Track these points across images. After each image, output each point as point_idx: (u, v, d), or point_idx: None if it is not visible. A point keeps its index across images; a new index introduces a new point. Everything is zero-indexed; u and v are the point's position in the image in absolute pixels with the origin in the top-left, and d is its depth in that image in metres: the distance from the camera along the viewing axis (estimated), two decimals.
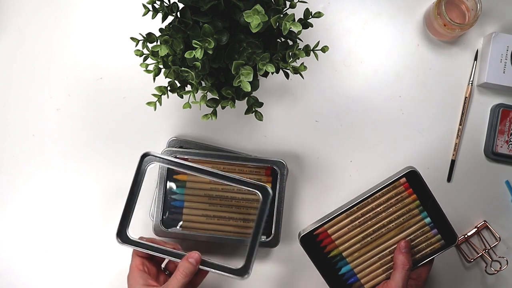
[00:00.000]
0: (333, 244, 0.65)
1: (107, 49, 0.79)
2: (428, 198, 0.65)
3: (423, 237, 0.65)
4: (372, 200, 0.64)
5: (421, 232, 0.65)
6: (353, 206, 0.64)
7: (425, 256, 0.66)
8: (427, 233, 0.65)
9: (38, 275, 0.76)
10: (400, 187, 0.64)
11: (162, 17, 0.60)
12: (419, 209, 0.65)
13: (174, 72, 0.58)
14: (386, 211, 0.64)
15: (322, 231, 0.64)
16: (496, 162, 0.78)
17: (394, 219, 0.64)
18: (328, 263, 0.65)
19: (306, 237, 0.65)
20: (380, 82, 0.79)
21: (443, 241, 0.65)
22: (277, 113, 0.78)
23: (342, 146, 0.78)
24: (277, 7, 0.57)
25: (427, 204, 0.65)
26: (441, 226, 0.65)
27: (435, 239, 0.65)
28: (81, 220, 0.77)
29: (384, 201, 0.64)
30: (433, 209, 0.65)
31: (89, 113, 0.78)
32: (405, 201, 0.64)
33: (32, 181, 0.77)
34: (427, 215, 0.65)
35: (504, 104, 0.78)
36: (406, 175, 0.64)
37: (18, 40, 0.79)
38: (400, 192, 0.64)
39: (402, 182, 0.64)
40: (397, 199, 0.64)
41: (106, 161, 0.77)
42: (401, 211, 0.64)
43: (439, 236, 0.65)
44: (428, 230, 0.65)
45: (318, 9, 0.77)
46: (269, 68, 0.55)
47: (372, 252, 0.65)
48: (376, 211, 0.64)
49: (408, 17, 0.80)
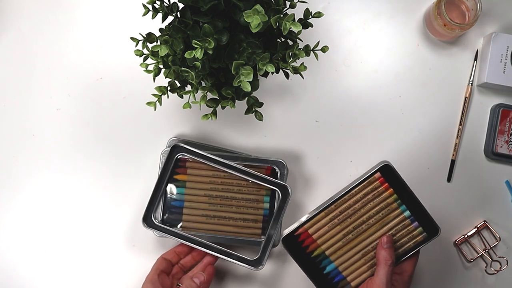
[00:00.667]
0: (315, 244, 0.64)
1: (107, 49, 0.79)
2: (405, 192, 0.64)
3: (405, 230, 0.64)
4: (349, 197, 0.64)
5: (402, 226, 0.64)
6: (331, 204, 0.64)
7: (408, 250, 0.65)
8: (408, 227, 0.64)
9: (38, 275, 0.76)
10: (376, 182, 0.64)
11: (162, 17, 0.60)
12: (397, 202, 0.64)
13: (174, 72, 0.58)
14: (364, 207, 0.64)
15: (303, 231, 0.64)
16: (496, 162, 0.78)
17: (373, 214, 0.64)
18: (312, 263, 0.65)
19: (288, 238, 0.64)
20: (380, 82, 0.79)
21: (425, 233, 0.65)
22: (277, 113, 0.78)
23: (342, 146, 0.78)
24: (277, 7, 0.57)
25: (405, 198, 0.64)
26: (422, 218, 0.65)
27: (417, 232, 0.65)
28: (81, 220, 0.77)
29: (361, 197, 0.64)
30: (411, 202, 0.64)
31: (89, 113, 0.78)
32: (382, 196, 0.64)
33: (32, 181, 0.77)
34: (406, 208, 0.64)
35: (504, 104, 0.78)
36: (380, 170, 0.64)
37: (19, 40, 0.79)
38: (376, 187, 0.64)
39: (377, 177, 0.64)
40: (374, 194, 0.64)
41: (106, 161, 0.77)
42: (379, 206, 0.64)
43: (421, 228, 0.64)
44: (409, 223, 0.64)
45: (318, 9, 0.77)
46: (269, 68, 0.55)
47: (355, 249, 0.64)
48: (354, 208, 0.64)
49: (408, 17, 0.80)
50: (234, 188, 0.74)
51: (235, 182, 0.74)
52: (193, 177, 0.74)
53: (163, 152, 0.74)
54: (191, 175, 0.74)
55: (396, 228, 0.64)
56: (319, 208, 0.64)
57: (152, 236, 0.75)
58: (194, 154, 0.73)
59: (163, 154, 0.74)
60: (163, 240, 0.76)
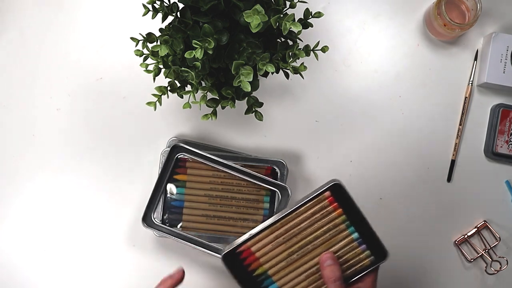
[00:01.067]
0: (257, 262, 0.59)
1: (107, 49, 0.79)
2: (355, 213, 0.59)
3: (352, 253, 0.59)
4: (296, 215, 0.59)
5: (349, 248, 0.59)
6: (277, 221, 0.59)
7: (357, 272, 0.60)
8: (355, 249, 0.59)
9: (38, 275, 0.76)
10: (325, 202, 0.59)
11: (162, 17, 0.60)
12: (346, 224, 0.59)
13: (174, 72, 0.58)
14: (311, 227, 0.59)
15: (246, 248, 0.58)
16: (496, 162, 0.78)
17: (320, 234, 0.59)
18: (254, 282, 0.59)
19: (229, 255, 0.58)
20: (380, 82, 0.79)
21: (372, 257, 0.59)
22: (277, 113, 0.78)
23: (342, 146, 0.78)
24: (277, 7, 0.57)
25: (354, 219, 0.59)
26: (370, 241, 0.59)
27: (364, 255, 0.60)
28: (81, 219, 0.77)
29: (308, 216, 0.59)
30: (361, 224, 0.59)
31: (89, 113, 0.78)
32: (331, 216, 0.59)
33: (32, 181, 0.77)
34: (355, 230, 0.59)
35: (504, 104, 0.78)
36: (330, 189, 0.59)
37: (19, 40, 0.79)
38: (324, 206, 0.59)
39: (327, 196, 0.59)
40: (322, 213, 0.59)
41: (106, 161, 0.77)
42: (327, 226, 0.59)
43: (368, 252, 0.59)
44: (356, 246, 0.59)
45: (318, 9, 0.77)
46: (269, 68, 0.55)
47: (299, 270, 0.60)
48: (301, 227, 0.59)
49: (408, 17, 0.80)
50: (234, 188, 0.74)
51: (235, 182, 0.74)
52: (193, 177, 0.74)
53: (163, 152, 0.74)
54: (191, 175, 0.74)
55: (343, 250, 0.59)
56: (264, 225, 0.59)
57: (152, 236, 0.75)
58: (194, 154, 0.73)
59: (163, 154, 0.74)
60: (163, 240, 0.76)
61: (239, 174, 0.72)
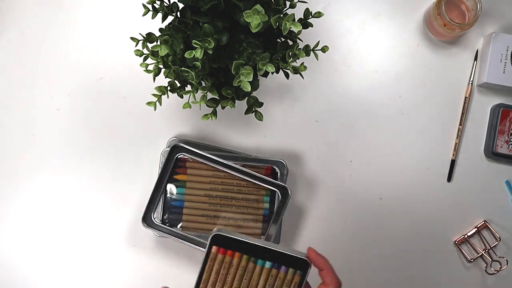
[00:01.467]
0: None
1: (107, 49, 0.79)
2: (251, 247, 0.56)
3: (278, 281, 0.56)
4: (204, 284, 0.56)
5: (272, 279, 0.56)
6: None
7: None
8: (278, 276, 0.56)
9: (38, 275, 0.76)
10: (218, 256, 0.56)
11: (162, 17, 0.60)
12: (252, 260, 0.56)
13: (174, 72, 0.58)
14: (225, 285, 0.57)
15: None
16: (496, 162, 0.78)
17: (238, 285, 0.57)
18: None
19: None
20: (380, 82, 0.79)
21: (299, 271, 0.56)
22: (277, 113, 0.78)
23: (342, 146, 0.78)
24: (277, 7, 0.57)
25: (255, 252, 0.56)
26: (285, 259, 0.56)
27: (290, 275, 0.56)
28: (81, 219, 0.77)
29: (214, 278, 0.56)
30: (264, 252, 0.56)
31: (89, 113, 0.78)
32: (233, 263, 0.56)
33: (32, 181, 0.77)
34: (263, 260, 0.56)
35: (504, 104, 0.78)
36: (214, 242, 0.56)
37: (19, 40, 0.79)
38: (221, 260, 0.56)
39: (215, 251, 0.56)
40: (224, 267, 0.56)
41: (105, 161, 0.77)
42: (237, 275, 0.56)
43: (291, 269, 0.56)
44: (276, 272, 0.56)
45: (318, 9, 0.77)
46: (269, 68, 0.55)
47: None
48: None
49: (408, 17, 0.80)
50: (234, 188, 0.74)
51: (235, 182, 0.74)
52: (193, 177, 0.74)
53: (163, 152, 0.74)
54: (191, 175, 0.74)
55: (269, 284, 0.56)
56: None
57: (152, 236, 0.75)
58: (194, 154, 0.73)
59: (163, 154, 0.74)
60: (163, 240, 0.76)
61: (239, 174, 0.72)
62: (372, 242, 0.77)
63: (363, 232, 0.78)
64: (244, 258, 0.56)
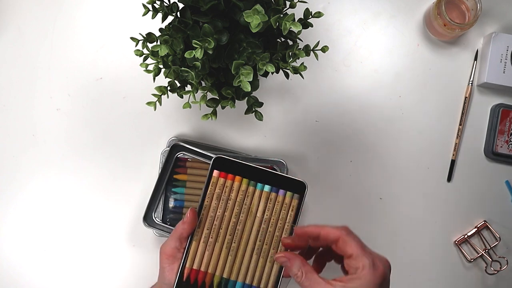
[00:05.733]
0: (208, 275, 0.57)
1: (107, 49, 0.79)
2: (251, 171, 0.58)
3: (278, 205, 0.58)
4: (205, 211, 0.58)
5: (271, 203, 0.58)
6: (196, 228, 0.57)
7: (295, 217, 0.59)
8: (277, 199, 0.58)
9: (38, 275, 0.76)
10: (220, 180, 0.58)
11: (162, 17, 0.60)
12: (251, 184, 0.58)
13: (174, 72, 0.58)
14: (226, 210, 0.58)
15: (189, 271, 0.57)
16: (496, 162, 0.78)
17: (238, 210, 0.58)
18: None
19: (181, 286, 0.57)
20: (380, 82, 0.79)
21: (296, 194, 0.58)
22: (277, 113, 0.78)
23: (342, 145, 0.78)
24: (277, 7, 0.57)
25: (254, 176, 0.58)
26: (284, 183, 0.58)
27: (288, 198, 0.58)
28: (81, 219, 0.77)
29: (216, 203, 0.58)
30: (263, 175, 0.58)
31: (89, 113, 0.78)
32: (234, 187, 0.58)
33: (32, 181, 0.77)
34: (262, 184, 0.58)
35: (504, 104, 0.78)
36: (215, 166, 0.58)
37: (18, 40, 0.79)
38: (222, 184, 0.58)
39: (217, 175, 0.58)
40: (225, 191, 0.58)
41: (106, 161, 0.77)
42: (238, 198, 0.58)
43: (289, 192, 0.58)
44: (275, 195, 0.58)
45: (318, 9, 0.77)
46: (269, 68, 0.55)
47: (247, 253, 0.58)
48: (217, 216, 0.58)
49: (408, 17, 0.80)
50: None
51: None
52: (193, 177, 0.74)
53: (163, 152, 0.74)
54: (191, 174, 0.74)
55: (268, 208, 0.58)
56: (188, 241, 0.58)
57: (152, 235, 0.75)
58: (194, 153, 0.73)
59: (163, 154, 0.74)
60: (163, 239, 0.76)
61: None
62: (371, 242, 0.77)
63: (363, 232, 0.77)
64: (244, 181, 0.58)
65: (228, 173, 0.58)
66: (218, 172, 0.58)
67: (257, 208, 0.58)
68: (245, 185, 0.58)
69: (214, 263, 0.57)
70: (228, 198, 0.58)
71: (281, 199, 0.58)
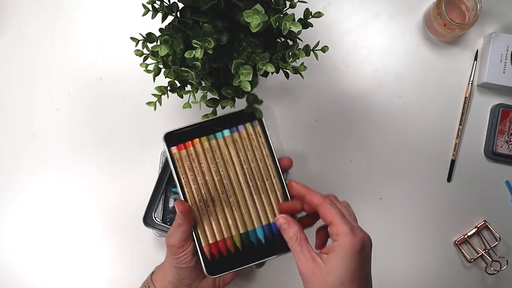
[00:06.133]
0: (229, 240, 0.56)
1: (107, 49, 0.79)
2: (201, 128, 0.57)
3: (245, 142, 0.58)
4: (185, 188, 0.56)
5: (240, 144, 0.57)
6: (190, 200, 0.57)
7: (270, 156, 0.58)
8: (241, 137, 0.58)
9: (38, 275, 0.76)
10: (182, 152, 0.57)
11: (162, 17, 0.60)
12: (210, 137, 0.58)
13: (174, 72, 0.58)
14: (205, 174, 0.56)
15: (208, 248, 0.56)
16: (496, 162, 0.78)
17: (216, 168, 0.57)
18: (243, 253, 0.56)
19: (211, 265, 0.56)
20: (380, 82, 0.79)
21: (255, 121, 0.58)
22: (277, 113, 0.78)
23: (342, 146, 0.78)
24: (277, 7, 0.57)
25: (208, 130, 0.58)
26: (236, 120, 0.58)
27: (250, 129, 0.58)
28: (81, 219, 0.77)
29: (190, 172, 0.57)
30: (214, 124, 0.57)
31: (89, 113, 0.78)
32: (197, 149, 0.57)
33: (32, 181, 0.77)
34: (220, 131, 0.58)
35: (504, 104, 0.78)
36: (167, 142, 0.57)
37: (18, 40, 0.79)
38: (186, 154, 0.57)
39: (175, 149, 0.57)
40: (193, 159, 0.57)
41: (106, 161, 0.77)
42: (208, 158, 0.57)
43: (248, 123, 0.58)
44: (237, 135, 0.57)
45: (318, 9, 0.77)
46: (268, 68, 0.55)
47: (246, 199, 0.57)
48: (201, 184, 0.57)
49: (408, 17, 0.80)
50: None
51: None
52: None
53: (163, 152, 0.74)
54: None
55: (239, 149, 0.57)
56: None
57: (152, 236, 0.75)
58: None
59: (163, 154, 0.73)
60: (163, 240, 0.76)
61: None
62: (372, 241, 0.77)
63: None
64: (203, 139, 0.58)
65: (185, 143, 0.57)
66: (175, 147, 0.57)
67: (230, 155, 0.58)
68: (206, 142, 0.58)
69: (225, 226, 0.57)
70: (200, 163, 0.57)
71: (245, 133, 0.58)
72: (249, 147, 0.58)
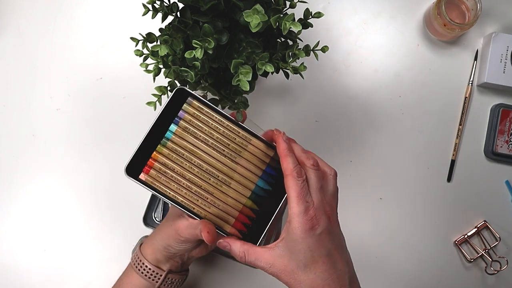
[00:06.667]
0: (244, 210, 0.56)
1: (107, 49, 0.79)
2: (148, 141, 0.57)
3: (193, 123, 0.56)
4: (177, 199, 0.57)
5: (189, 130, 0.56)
6: None
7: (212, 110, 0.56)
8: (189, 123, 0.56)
9: (38, 275, 0.76)
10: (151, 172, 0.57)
11: (162, 17, 0.60)
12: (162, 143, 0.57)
13: (174, 72, 0.58)
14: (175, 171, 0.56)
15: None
16: (496, 162, 0.78)
17: (188, 164, 0.56)
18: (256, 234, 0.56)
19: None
20: (380, 82, 0.79)
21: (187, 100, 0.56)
22: (277, 113, 0.78)
23: (342, 146, 0.78)
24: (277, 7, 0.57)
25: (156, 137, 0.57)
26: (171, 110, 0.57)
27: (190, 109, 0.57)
28: (81, 219, 0.77)
29: (173, 183, 0.56)
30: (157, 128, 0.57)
31: (89, 113, 0.78)
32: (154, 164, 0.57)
33: (32, 181, 0.77)
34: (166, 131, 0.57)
35: (504, 104, 0.78)
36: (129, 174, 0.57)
37: (18, 40, 0.79)
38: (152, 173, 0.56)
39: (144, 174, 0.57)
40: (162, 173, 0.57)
41: (106, 161, 0.77)
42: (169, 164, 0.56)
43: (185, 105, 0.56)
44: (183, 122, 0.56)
45: (318, 9, 0.77)
46: (268, 68, 0.55)
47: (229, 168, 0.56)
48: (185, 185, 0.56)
49: (408, 17, 0.80)
50: None
51: None
52: None
53: None
54: None
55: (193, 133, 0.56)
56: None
57: None
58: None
59: None
60: None
61: None
62: (371, 242, 0.77)
63: (363, 232, 0.78)
64: (159, 148, 0.57)
65: (146, 163, 0.57)
66: (142, 173, 0.57)
67: (191, 143, 0.57)
68: (163, 149, 0.57)
69: (232, 202, 0.56)
70: (172, 169, 0.56)
71: (188, 116, 0.57)
72: (201, 124, 0.57)
